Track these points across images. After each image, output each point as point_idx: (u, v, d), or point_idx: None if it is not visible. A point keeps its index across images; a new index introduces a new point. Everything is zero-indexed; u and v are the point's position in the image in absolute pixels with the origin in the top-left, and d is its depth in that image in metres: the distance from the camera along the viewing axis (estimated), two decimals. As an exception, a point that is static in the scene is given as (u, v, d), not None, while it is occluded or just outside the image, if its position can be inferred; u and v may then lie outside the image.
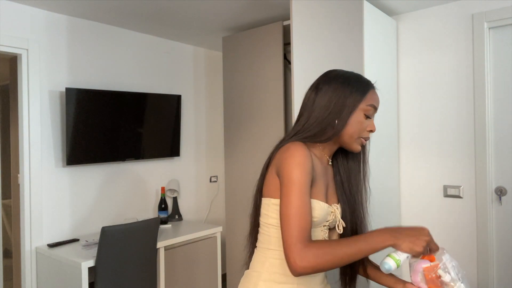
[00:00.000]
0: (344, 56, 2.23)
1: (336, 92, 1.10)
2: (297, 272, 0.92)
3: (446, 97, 2.51)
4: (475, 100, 2.40)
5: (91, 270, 2.38)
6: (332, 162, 1.22)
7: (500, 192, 2.34)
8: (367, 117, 1.11)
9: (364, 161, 1.21)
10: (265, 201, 1.11)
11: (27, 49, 2.48)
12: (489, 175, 2.36)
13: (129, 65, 3.07)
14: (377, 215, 2.26)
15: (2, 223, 3.44)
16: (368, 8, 2.22)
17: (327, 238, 1.16)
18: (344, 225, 1.16)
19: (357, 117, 1.09)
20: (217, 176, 3.81)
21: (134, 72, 3.10)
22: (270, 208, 1.09)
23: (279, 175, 1.04)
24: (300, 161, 1.00)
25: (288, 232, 0.94)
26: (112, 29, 2.96)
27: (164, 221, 3.00)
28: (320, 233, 1.13)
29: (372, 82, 1.17)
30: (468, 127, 2.43)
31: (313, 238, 1.11)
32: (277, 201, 1.07)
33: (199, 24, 2.96)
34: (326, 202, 1.13)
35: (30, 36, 2.51)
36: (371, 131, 1.13)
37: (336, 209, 1.15)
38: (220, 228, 2.98)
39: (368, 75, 2.21)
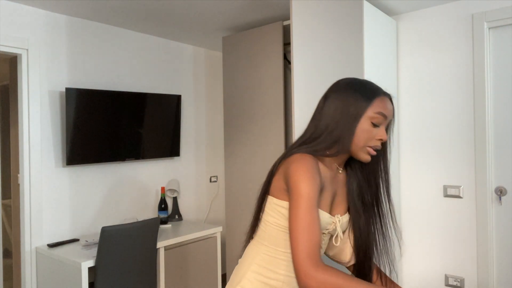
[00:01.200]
0: (344, 56, 2.23)
1: (342, 100, 1.09)
2: (304, 287, 0.95)
3: (446, 97, 2.51)
4: (475, 100, 2.40)
5: (91, 270, 2.38)
6: (346, 169, 1.21)
7: (500, 192, 2.34)
8: (375, 125, 1.08)
9: (385, 171, 1.18)
10: (268, 199, 1.13)
11: (27, 49, 2.49)
12: (489, 175, 2.36)
13: (129, 65, 3.07)
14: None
15: (2, 223, 3.44)
16: (368, 8, 2.22)
17: (323, 245, 1.17)
18: (342, 237, 1.16)
19: (363, 125, 1.07)
20: (217, 176, 3.81)
21: (134, 72, 3.10)
22: (271, 206, 1.12)
23: (287, 184, 1.05)
24: (308, 175, 1.00)
25: (297, 248, 0.96)
26: (112, 29, 2.96)
27: (164, 221, 3.00)
28: None
29: (385, 90, 1.15)
30: (468, 127, 2.43)
31: None
32: (278, 201, 1.10)
33: (199, 24, 2.96)
34: (330, 211, 1.14)
35: (30, 36, 2.51)
36: (381, 140, 1.09)
37: (338, 221, 1.14)
38: (220, 228, 2.98)
39: (368, 75, 2.21)
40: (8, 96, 3.41)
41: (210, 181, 3.73)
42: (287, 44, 2.85)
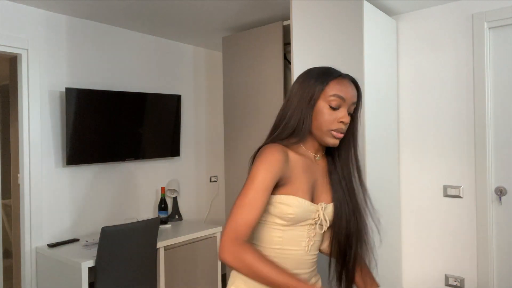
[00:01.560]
0: (344, 56, 2.23)
1: (299, 88, 1.11)
2: (220, 259, 0.96)
3: (446, 97, 2.51)
4: (475, 100, 2.40)
5: (91, 270, 2.38)
6: (328, 158, 1.21)
7: (500, 192, 2.34)
8: (334, 108, 1.09)
9: (355, 157, 1.18)
10: None
11: (27, 49, 2.48)
12: (489, 175, 2.36)
13: (129, 65, 3.07)
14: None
15: (2, 223, 3.44)
16: (368, 8, 2.21)
17: (315, 237, 1.15)
18: (327, 224, 1.13)
19: (320, 109, 1.09)
20: (217, 176, 3.81)
21: (134, 72, 3.10)
22: None
23: None
24: (266, 161, 1.02)
25: (229, 220, 0.98)
26: (112, 29, 2.96)
27: (164, 221, 3.00)
28: (303, 232, 1.12)
29: (342, 72, 1.14)
30: (468, 127, 2.43)
31: (293, 237, 1.11)
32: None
33: (199, 24, 2.96)
34: (312, 199, 1.13)
35: (30, 36, 2.51)
36: (342, 122, 1.09)
37: (321, 208, 1.12)
38: (220, 228, 2.98)
39: (368, 75, 2.21)
40: (8, 96, 3.41)
41: (210, 181, 3.73)
42: (287, 44, 2.85)
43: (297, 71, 2.39)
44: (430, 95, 2.57)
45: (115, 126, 2.83)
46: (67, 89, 2.56)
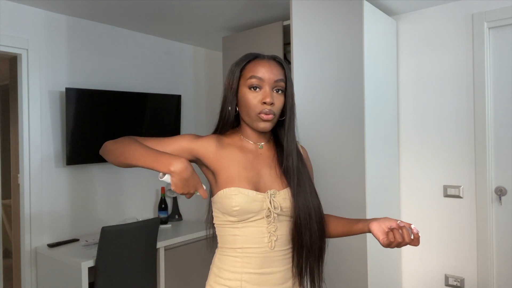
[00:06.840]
0: (344, 56, 2.23)
1: (225, 79, 1.14)
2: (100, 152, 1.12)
3: (446, 97, 2.51)
4: (475, 100, 2.40)
5: (91, 270, 2.38)
6: (276, 145, 1.18)
7: (500, 192, 2.34)
8: (254, 89, 1.07)
9: (291, 136, 1.14)
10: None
11: (27, 49, 2.48)
12: (489, 175, 2.36)
13: (129, 65, 3.07)
14: (377, 215, 2.26)
15: (2, 223, 3.44)
16: (368, 8, 2.21)
17: (277, 232, 1.09)
18: (276, 211, 1.06)
19: (243, 94, 1.09)
20: (217, 176, 3.80)
21: (134, 72, 3.10)
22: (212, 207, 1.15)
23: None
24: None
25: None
26: (112, 29, 2.96)
27: (164, 221, 3.00)
28: (262, 228, 1.07)
29: (261, 53, 1.13)
30: (468, 127, 2.43)
31: (252, 233, 1.07)
32: (214, 198, 1.13)
33: (199, 24, 2.96)
34: (259, 190, 1.08)
35: (30, 36, 2.51)
36: (265, 103, 1.06)
37: (267, 197, 1.06)
38: (220, 228, 2.97)
39: (368, 75, 2.21)
40: (8, 96, 3.41)
41: (210, 181, 3.73)
42: (287, 44, 2.85)
43: (297, 71, 2.39)
44: (430, 95, 2.57)
45: (115, 126, 2.83)
46: (67, 89, 2.56)
